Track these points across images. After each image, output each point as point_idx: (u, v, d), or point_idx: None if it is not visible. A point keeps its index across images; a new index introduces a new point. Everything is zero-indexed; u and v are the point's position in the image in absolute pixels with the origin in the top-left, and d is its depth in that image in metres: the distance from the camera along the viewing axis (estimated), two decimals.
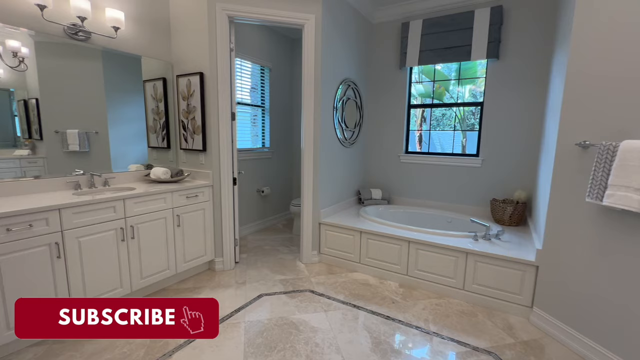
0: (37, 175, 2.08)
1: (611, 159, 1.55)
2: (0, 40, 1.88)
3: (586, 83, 1.72)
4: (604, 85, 1.64)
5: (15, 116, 2.05)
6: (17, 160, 2.05)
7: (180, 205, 2.41)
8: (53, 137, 2.17)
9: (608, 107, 1.63)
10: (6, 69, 1.93)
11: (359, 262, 2.78)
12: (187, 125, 2.72)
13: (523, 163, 2.96)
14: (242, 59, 3.42)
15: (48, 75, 2.10)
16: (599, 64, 1.66)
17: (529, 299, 2.10)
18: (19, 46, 1.95)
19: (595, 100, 1.68)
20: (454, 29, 3.05)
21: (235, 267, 2.83)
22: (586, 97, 1.72)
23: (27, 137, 2.10)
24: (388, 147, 3.66)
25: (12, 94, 2.03)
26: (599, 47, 1.66)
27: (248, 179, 3.68)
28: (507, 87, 2.97)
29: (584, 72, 1.73)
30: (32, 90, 2.06)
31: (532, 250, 2.18)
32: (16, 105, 2.04)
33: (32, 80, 2.05)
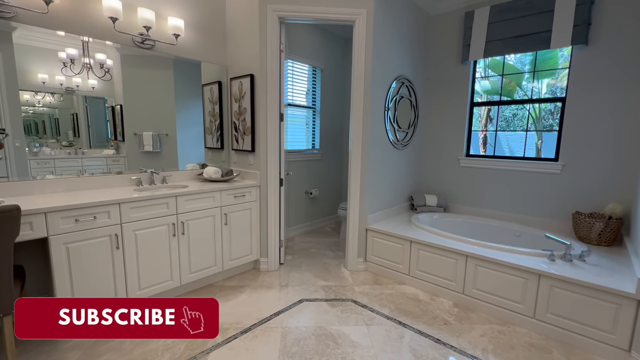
0: (118, 171, 2.34)
1: None
2: (91, 54, 2.15)
3: None
4: None
5: (107, 121, 2.36)
6: (104, 159, 2.35)
7: (228, 204, 2.47)
8: (132, 139, 2.44)
9: None
10: (97, 79, 2.21)
11: (408, 274, 2.56)
12: (238, 126, 2.80)
13: (618, 170, 2.43)
14: (294, 60, 3.43)
15: (130, 83, 2.38)
16: None
17: (625, 341, 1.68)
18: (105, 59, 2.23)
19: None
20: (529, 14, 2.65)
21: (279, 268, 2.82)
22: None
23: (114, 138, 2.39)
24: (446, 150, 3.34)
25: (105, 102, 2.33)
26: None
27: (297, 180, 3.67)
28: (597, 79, 2.47)
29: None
30: (118, 98, 2.35)
31: (632, 279, 1.75)
32: (107, 111, 2.34)
33: (118, 89, 2.33)
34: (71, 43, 2.06)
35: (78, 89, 2.17)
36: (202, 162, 2.90)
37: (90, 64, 2.16)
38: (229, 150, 2.95)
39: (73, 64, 2.10)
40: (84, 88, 2.19)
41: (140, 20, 2.21)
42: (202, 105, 2.84)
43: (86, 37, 2.09)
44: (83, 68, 2.14)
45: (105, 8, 2.03)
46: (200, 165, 2.85)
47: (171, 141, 2.66)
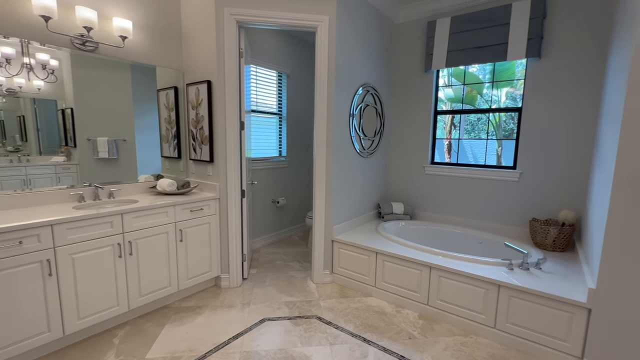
0: (71, 185, 2.08)
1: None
2: (32, 54, 1.94)
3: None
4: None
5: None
6: (53, 167, 2.13)
7: (183, 219, 2.30)
8: (85, 145, 2.25)
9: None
10: (44, 81, 2.01)
11: (374, 286, 2.52)
12: (195, 135, 2.63)
13: (570, 178, 2.53)
14: (257, 65, 3.31)
15: (82, 85, 2.20)
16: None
17: (578, 349, 1.72)
18: (48, 59, 2.01)
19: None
20: (487, 26, 2.71)
21: (242, 284, 2.68)
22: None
23: (64, 144, 2.18)
24: (412, 157, 3.36)
25: (57, 104, 2.13)
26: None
27: (263, 189, 3.55)
28: (550, 90, 2.57)
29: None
30: (68, 100, 2.15)
31: (583, 287, 1.80)
32: (56, 115, 2.14)
33: (68, 91, 2.14)
34: (5, 42, 1.83)
35: (21, 91, 1.94)
36: (159, 172, 2.70)
37: (31, 64, 1.93)
38: (186, 160, 2.78)
39: (9, 64, 1.86)
40: (28, 90, 1.96)
41: (80, 20, 2.00)
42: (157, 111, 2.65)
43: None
44: (22, 68, 1.91)
45: (36, 6, 1.81)
46: (155, 177, 2.66)
47: (129, 147, 2.47)
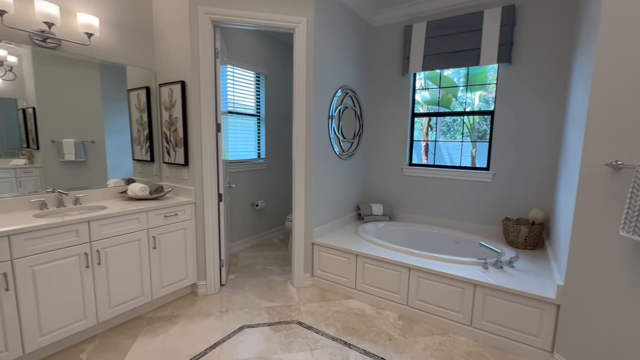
0: (33, 191, 1.92)
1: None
2: None
3: (617, 92, 1.43)
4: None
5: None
6: (12, 170, 1.98)
7: (157, 226, 2.21)
8: (49, 147, 2.11)
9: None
10: (1, 78, 1.87)
11: (355, 288, 2.52)
12: (169, 138, 2.53)
13: (539, 179, 2.65)
14: (234, 66, 3.24)
15: (45, 83, 2.06)
16: (633, 66, 1.38)
17: (548, 343, 1.80)
18: (5, 55, 1.87)
19: (630, 111, 1.39)
20: (461, 31, 2.79)
21: (220, 290, 2.61)
22: (617, 107, 1.43)
23: (26, 146, 2.03)
24: (390, 159, 3.40)
25: (17, 103, 1.99)
26: (634, 49, 1.38)
27: (241, 192, 3.47)
28: (520, 94, 2.68)
29: (614, 78, 1.44)
30: (30, 99, 2.01)
31: (552, 284, 1.88)
32: (16, 114, 2.00)
33: (30, 89, 2.00)
34: None
35: None
36: (130, 176, 2.58)
37: None
38: (159, 163, 2.67)
39: None
40: None
41: (39, 14, 1.87)
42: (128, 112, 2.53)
43: None
44: None
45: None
46: (126, 181, 2.53)
47: (98, 149, 2.34)
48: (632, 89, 1.38)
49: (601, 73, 1.49)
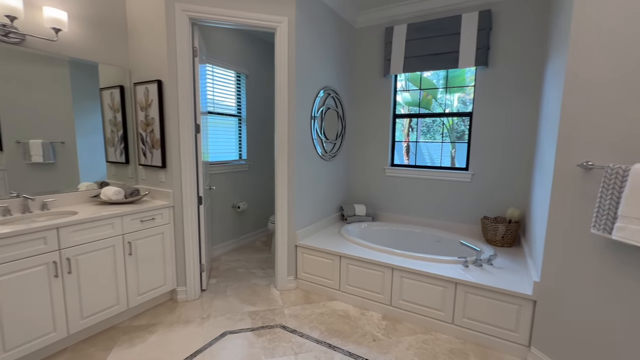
0: None
1: (621, 185, 1.33)
2: None
3: (588, 94, 1.50)
4: (610, 96, 1.42)
5: None
6: None
7: (133, 231, 2.11)
8: (14, 148, 1.97)
9: (615, 123, 1.41)
10: None
11: (339, 290, 2.51)
12: (145, 139, 2.43)
13: (515, 178, 2.74)
14: (214, 65, 3.16)
15: (8, 81, 1.92)
16: (603, 73, 1.44)
17: (526, 338, 1.86)
18: None
19: (600, 114, 1.46)
20: (440, 35, 2.84)
21: (201, 296, 2.53)
22: (588, 111, 1.50)
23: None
24: (372, 160, 3.42)
25: None
26: (603, 52, 1.44)
27: (222, 194, 3.39)
28: (497, 96, 2.76)
29: (585, 81, 1.51)
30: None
31: (529, 280, 1.94)
32: None
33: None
34: None
35: None
36: (104, 179, 2.46)
37: None
38: (135, 165, 2.56)
39: None
40: None
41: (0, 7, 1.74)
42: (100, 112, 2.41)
43: None
44: None
45: None
46: (99, 185, 2.41)
47: (69, 151, 2.22)
48: (601, 93, 1.45)
49: (572, 77, 1.55)
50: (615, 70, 1.40)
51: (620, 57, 1.38)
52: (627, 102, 1.36)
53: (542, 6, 2.51)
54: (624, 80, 1.37)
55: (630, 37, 1.35)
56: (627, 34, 1.36)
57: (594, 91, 1.47)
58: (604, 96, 1.44)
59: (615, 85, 1.40)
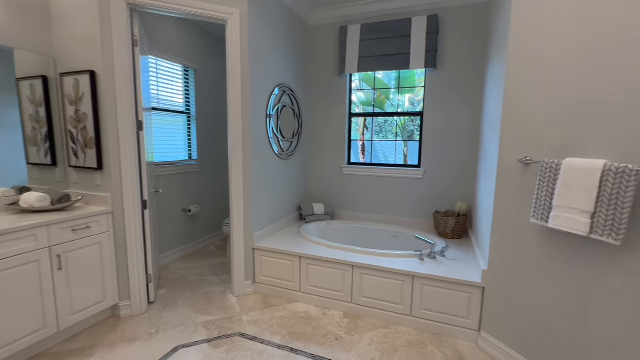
0: None
1: (554, 177, 1.46)
2: None
3: (525, 96, 1.63)
4: (545, 97, 1.56)
5: None
6: None
7: (62, 242, 1.84)
8: None
9: (549, 122, 1.55)
10: None
11: (300, 291, 2.46)
12: (76, 137, 2.15)
13: (463, 174, 2.93)
14: (158, 57, 2.91)
15: None
16: (538, 76, 1.58)
17: (476, 323, 1.98)
18: None
19: (536, 115, 1.59)
20: (393, 36, 2.93)
21: (148, 309, 2.31)
22: (527, 111, 1.63)
23: None
24: (330, 158, 3.43)
25: None
26: (538, 58, 1.58)
27: (171, 198, 3.14)
28: (445, 97, 2.92)
29: (523, 84, 1.64)
30: None
31: (478, 269, 2.08)
32: None
33: None
34: None
35: None
36: (25, 184, 2.12)
37: None
38: (64, 167, 2.25)
39: None
40: None
41: None
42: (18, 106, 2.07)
43: None
44: None
45: None
46: (18, 190, 2.07)
47: None
48: (537, 95, 1.58)
49: (512, 80, 1.68)
50: (549, 75, 1.54)
51: (554, 63, 1.52)
52: (558, 104, 1.51)
53: (483, 13, 2.71)
54: (557, 83, 1.51)
55: (563, 47, 1.49)
56: (560, 43, 1.50)
57: (530, 94, 1.61)
58: (539, 98, 1.58)
59: (548, 89, 1.54)
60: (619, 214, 1.25)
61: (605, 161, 1.30)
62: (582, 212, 1.34)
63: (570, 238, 1.47)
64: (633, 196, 1.22)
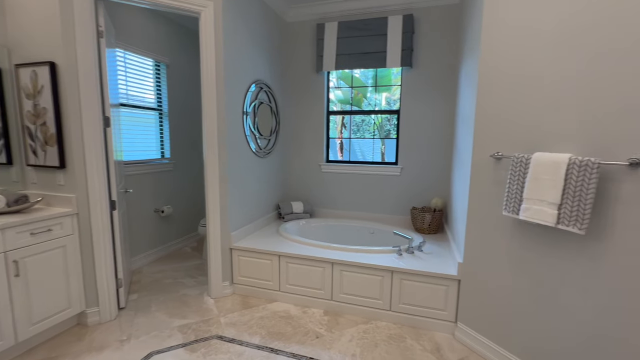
0: None
1: (524, 171, 1.52)
2: None
3: (497, 95, 1.69)
4: (515, 95, 1.62)
5: None
6: None
7: (19, 247, 1.70)
8: None
9: (519, 119, 1.61)
10: None
11: (279, 290, 2.43)
12: (35, 133, 1.99)
13: (438, 170, 3.00)
14: (127, 50, 2.76)
15: None
16: (509, 76, 1.64)
17: (453, 315, 2.03)
18: None
19: (507, 112, 1.65)
20: (370, 34, 2.95)
21: (119, 315, 2.19)
22: (498, 108, 1.69)
23: None
24: (308, 156, 3.41)
25: None
26: (509, 58, 1.64)
27: (143, 198, 3.00)
28: (420, 95, 2.98)
29: (494, 84, 1.70)
30: None
31: (454, 262, 2.13)
32: None
33: None
34: None
35: None
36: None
37: None
38: (22, 166, 2.08)
39: None
40: None
41: None
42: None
43: None
44: None
45: None
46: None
47: None
48: (508, 94, 1.64)
49: (484, 79, 1.73)
50: (519, 75, 1.60)
51: (523, 64, 1.58)
52: (527, 102, 1.57)
53: (456, 14, 2.79)
54: (525, 82, 1.58)
55: (532, 47, 1.55)
56: (528, 43, 1.56)
57: (501, 91, 1.67)
58: (509, 96, 1.64)
59: (518, 87, 1.60)
60: (583, 205, 1.32)
61: (570, 155, 1.37)
62: (550, 204, 1.40)
63: (539, 229, 1.54)
64: (595, 188, 1.29)
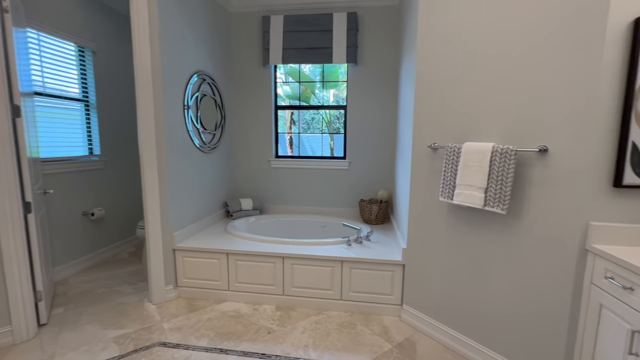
0: None
1: (457, 159, 1.66)
2: None
3: (432, 91, 1.82)
4: (448, 89, 1.76)
5: None
6: None
7: None
8: None
9: (451, 113, 1.75)
10: None
11: (228, 289, 2.34)
12: None
13: (383, 163, 3.15)
14: (41, 32, 2.41)
15: None
16: (441, 75, 1.77)
17: (398, 298, 2.15)
18: None
19: (441, 105, 1.79)
20: (316, 30, 2.97)
21: (38, 333, 1.92)
22: (433, 102, 1.82)
23: None
24: (257, 152, 3.33)
25: None
26: (441, 59, 1.77)
27: (68, 200, 2.66)
28: (365, 91, 3.09)
29: (429, 81, 1.82)
30: None
31: (399, 248, 2.25)
32: None
33: None
34: None
35: None
36: None
37: None
38: None
39: None
40: None
41: None
42: None
43: None
44: None
45: None
46: None
47: None
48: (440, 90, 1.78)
49: (420, 77, 1.85)
50: (448, 73, 1.74)
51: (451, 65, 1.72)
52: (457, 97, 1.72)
53: (397, 14, 2.94)
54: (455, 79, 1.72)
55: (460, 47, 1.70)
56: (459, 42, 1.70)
57: (435, 89, 1.80)
58: (442, 94, 1.77)
59: (449, 84, 1.74)
60: (504, 188, 1.48)
61: (494, 144, 1.53)
62: (478, 188, 1.55)
63: (471, 212, 1.70)
64: (514, 172, 1.46)
